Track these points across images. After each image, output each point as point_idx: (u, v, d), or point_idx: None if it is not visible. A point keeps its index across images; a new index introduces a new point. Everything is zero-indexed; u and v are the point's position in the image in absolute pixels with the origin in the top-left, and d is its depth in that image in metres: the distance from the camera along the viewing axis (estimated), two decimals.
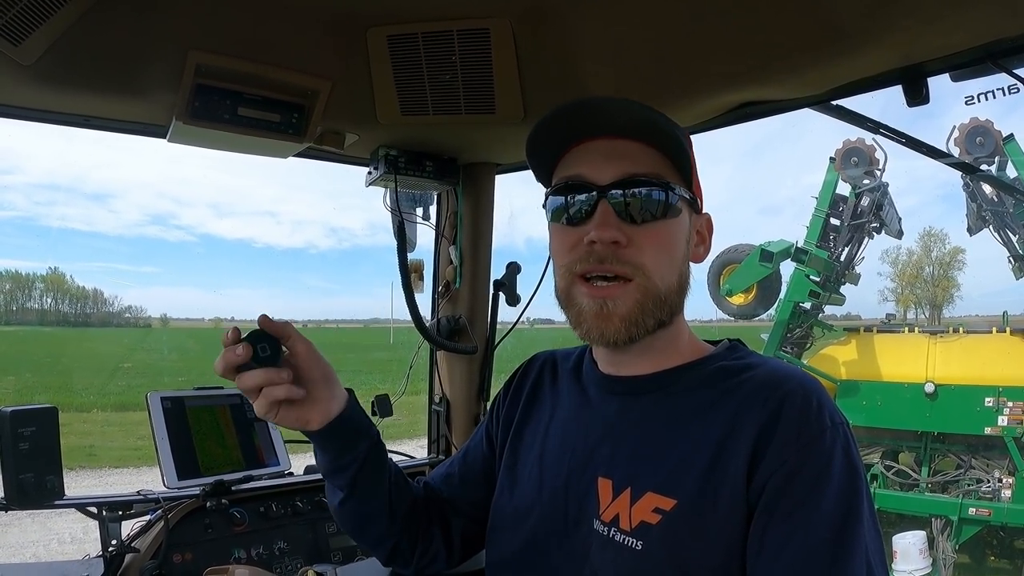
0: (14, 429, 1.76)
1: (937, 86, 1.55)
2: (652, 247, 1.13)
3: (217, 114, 1.73)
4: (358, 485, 1.32)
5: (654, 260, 1.13)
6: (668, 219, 1.14)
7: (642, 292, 1.12)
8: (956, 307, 44.92)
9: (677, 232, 1.17)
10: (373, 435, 1.33)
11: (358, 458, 1.30)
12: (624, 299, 1.12)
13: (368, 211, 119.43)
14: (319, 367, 1.24)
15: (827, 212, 9.27)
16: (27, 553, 7.74)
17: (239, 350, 1.13)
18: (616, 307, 1.12)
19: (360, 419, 1.31)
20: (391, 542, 1.40)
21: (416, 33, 1.67)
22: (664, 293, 1.14)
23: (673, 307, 1.17)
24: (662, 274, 1.14)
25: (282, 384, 1.15)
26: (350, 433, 1.29)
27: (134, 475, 11.86)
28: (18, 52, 1.47)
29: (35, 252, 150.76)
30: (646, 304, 1.12)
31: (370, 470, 1.32)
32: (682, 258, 1.18)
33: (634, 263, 1.12)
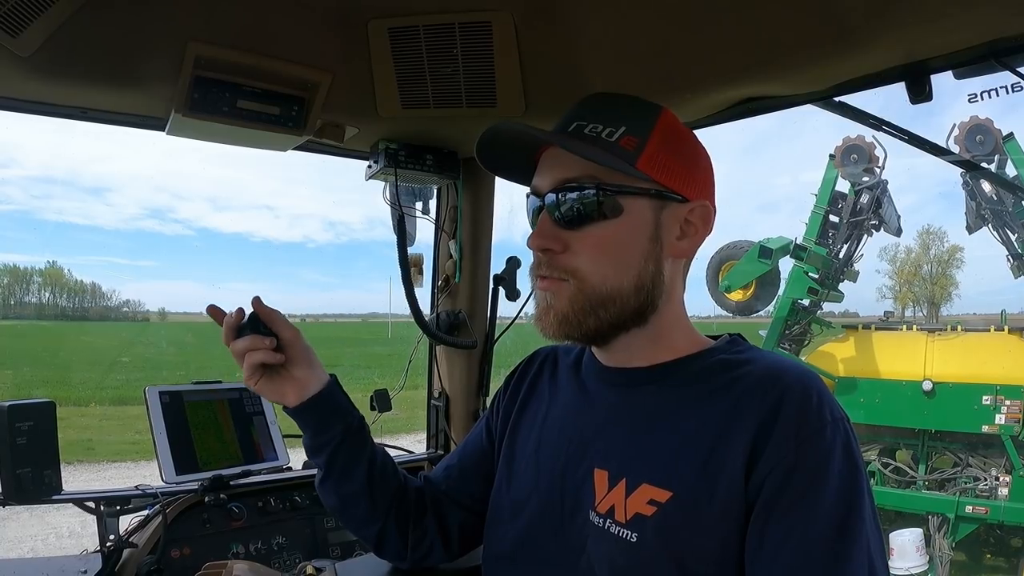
0: (12, 424, 1.76)
1: (937, 84, 1.55)
2: (588, 250, 1.14)
3: (216, 107, 1.72)
4: (335, 465, 1.38)
5: (590, 263, 1.14)
6: (608, 220, 1.13)
7: (576, 292, 1.14)
8: (954, 305, 45.12)
9: (622, 231, 1.14)
10: (353, 420, 1.40)
11: (334, 439, 1.36)
12: (559, 297, 1.16)
13: (366, 206, 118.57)
14: (303, 350, 1.35)
15: (826, 209, 9.28)
16: (25, 548, 7.74)
17: (234, 313, 1.31)
18: (553, 303, 1.17)
19: (339, 403, 1.39)
20: (375, 527, 1.42)
21: (418, 26, 1.66)
22: (608, 294, 1.13)
23: (633, 307, 1.15)
24: (603, 275, 1.13)
25: (263, 349, 1.29)
26: (327, 414, 1.37)
27: (132, 469, 11.89)
28: (16, 44, 1.46)
29: (33, 246, 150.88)
30: (582, 304, 1.14)
31: (346, 453, 1.38)
32: (640, 256, 1.15)
33: (567, 268, 1.15)
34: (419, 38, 1.69)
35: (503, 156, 1.25)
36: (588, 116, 1.17)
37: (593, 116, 1.17)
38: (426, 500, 1.47)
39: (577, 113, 1.19)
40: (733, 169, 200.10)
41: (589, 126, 1.16)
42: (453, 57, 1.73)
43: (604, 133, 1.14)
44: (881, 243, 38.02)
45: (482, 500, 1.39)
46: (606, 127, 1.15)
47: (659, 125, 1.16)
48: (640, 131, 1.15)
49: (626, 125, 1.15)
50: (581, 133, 1.16)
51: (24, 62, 1.51)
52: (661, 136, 1.16)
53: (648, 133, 1.15)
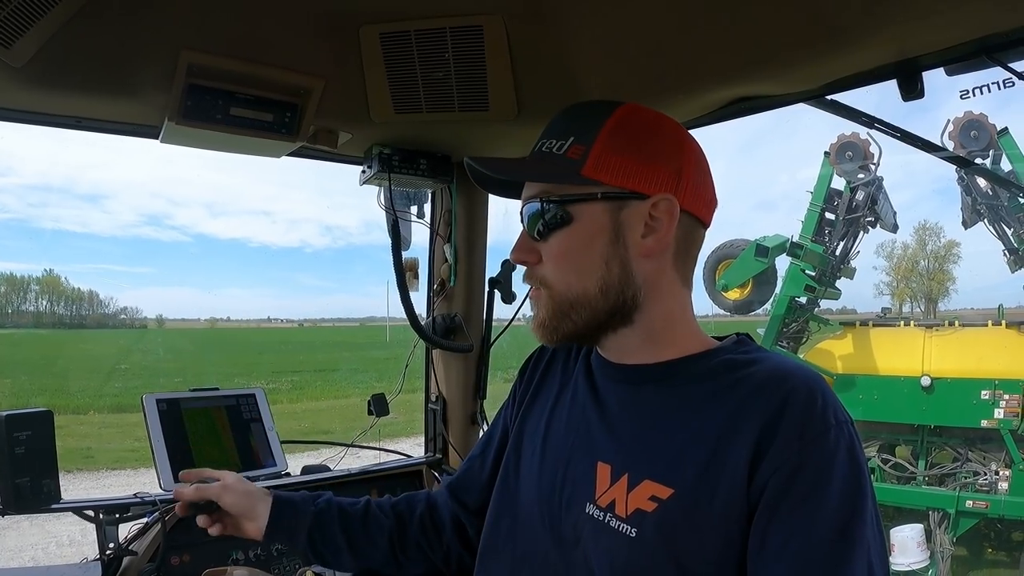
0: (9, 433, 1.76)
1: (931, 80, 1.55)
2: (551, 260, 1.20)
3: (209, 114, 1.73)
4: (327, 562, 1.51)
5: (554, 271, 1.20)
6: (563, 228, 1.17)
7: (550, 299, 1.20)
8: (951, 301, 45.16)
9: (576, 238, 1.17)
10: (307, 521, 1.47)
11: (304, 543, 1.46)
12: (540, 305, 1.22)
13: (363, 210, 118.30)
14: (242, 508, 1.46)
15: (822, 207, 9.27)
16: (25, 556, 7.73)
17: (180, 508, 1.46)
18: (537, 311, 1.24)
19: (288, 516, 1.47)
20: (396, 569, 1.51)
21: (409, 31, 1.67)
22: (574, 298, 1.17)
23: (606, 308, 1.17)
24: (566, 282, 1.18)
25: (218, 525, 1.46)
26: (287, 531, 1.46)
27: (132, 476, 11.86)
28: (8, 55, 1.46)
29: (30, 254, 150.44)
30: (557, 310, 1.19)
31: (324, 547, 1.47)
32: (600, 259, 1.16)
33: (538, 277, 1.22)
34: (411, 43, 1.70)
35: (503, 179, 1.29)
36: (547, 133, 1.23)
37: (549, 132, 1.22)
38: (440, 517, 1.51)
39: (544, 132, 1.24)
40: (729, 167, 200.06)
41: (546, 143, 1.21)
42: (445, 61, 1.74)
43: (555, 148, 1.19)
44: (878, 240, 38.12)
45: None
46: (557, 141, 1.19)
47: (606, 129, 1.16)
48: (586, 138, 1.16)
49: (574, 135, 1.18)
50: (540, 152, 1.21)
51: (17, 72, 1.52)
52: (608, 138, 1.16)
53: (593, 139, 1.16)
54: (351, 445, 2.65)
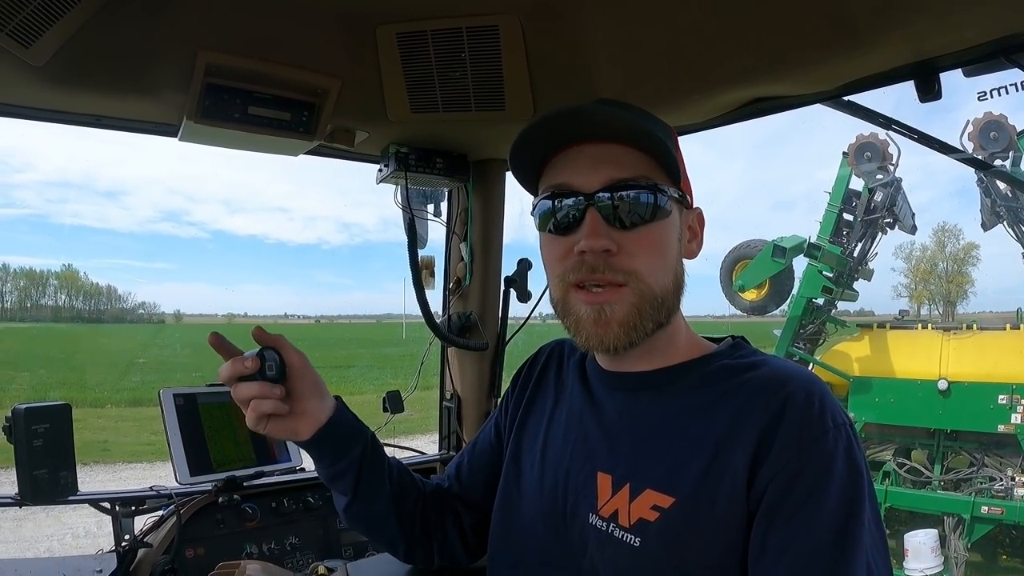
0: (28, 426, 1.79)
1: (951, 80, 1.55)
2: (644, 251, 1.13)
3: (228, 113, 1.74)
4: (360, 488, 1.33)
5: (647, 264, 1.13)
6: (658, 221, 1.13)
7: (638, 296, 1.12)
8: (970, 303, 44.71)
9: (668, 233, 1.16)
10: (367, 438, 1.35)
11: (354, 462, 1.31)
12: (620, 304, 1.12)
13: (380, 207, 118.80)
14: (310, 379, 1.26)
15: (840, 207, 9.23)
16: (41, 547, 7.80)
17: (248, 362, 1.16)
18: (614, 312, 1.12)
19: (351, 425, 1.32)
20: (403, 539, 1.42)
21: (425, 31, 1.67)
22: (660, 295, 1.13)
23: (670, 308, 1.17)
24: (656, 277, 1.13)
25: (271, 399, 1.18)
26: (342, 439, 1.30)
27: (148, 470, 11.96)
28: (29, 54, 1.48)
29: (49, 249, 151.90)
30: (643, 308, 1.12)
31: (369, 472, 1.34)
32: (675, 258, 1.18)
33: (626, 270, 1.12)
34: (427, 43, 1.70)
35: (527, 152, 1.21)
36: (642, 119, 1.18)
37: (639, 117, 1.18)
38: (443, 503, 1.47)
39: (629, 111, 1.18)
40: (747, 167, 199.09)
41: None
42: (461, 61, 1.74)
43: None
44: (896, 241, 37.81)
45: (491, 498, 1.39)
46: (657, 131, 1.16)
47: (675, 137, 1.21)
48: (672, 142, 1.18)
49: (662, 134, 1.16)
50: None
51: (37, 71, 1.54)
52: (678, 148, 1.21)
53: (674, 141, 1.19)
54: None
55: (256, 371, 1.16)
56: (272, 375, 1.18)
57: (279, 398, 1.19)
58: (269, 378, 1.18)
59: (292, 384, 1.23)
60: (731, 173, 57.61)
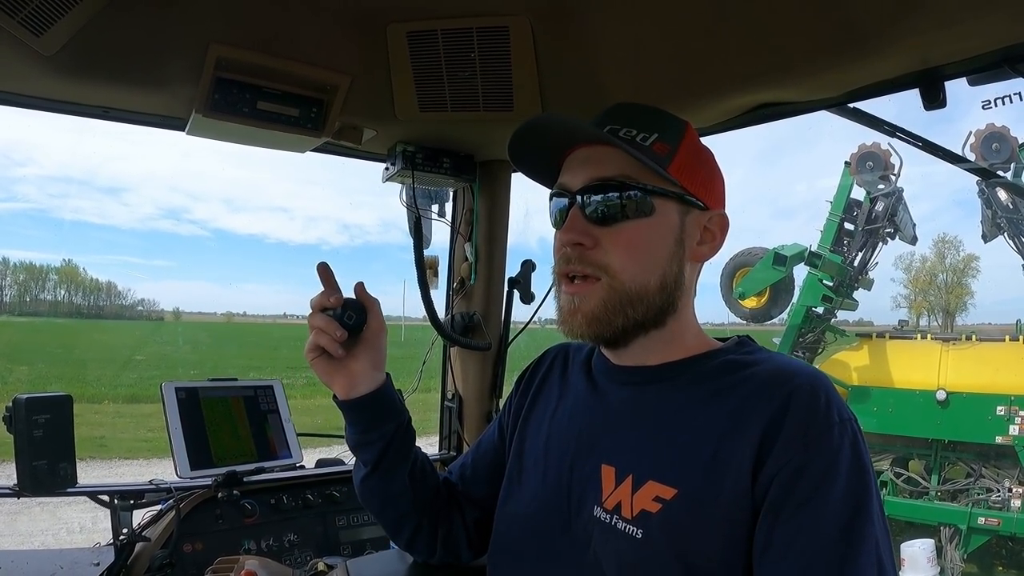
0: (29, 416, 1.78)
1: (954, 91, 1.55)
2: (619, 248, 1.16)
3: (236, 108, 1.74)
4: (382, 463, 1.37)
5: (621, 260, 1.15)
6: (639, 219, 1.16)
7: (607, 291, 1.15)
8: (969, 315, 44.59)
9: (652, 231, 1.17)
10: (403, 420, 1.40)
11: (384, 436, 1.36)
12: (590, 297, 1.16)
13: (381, 208, 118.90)
14: (375, 348, 1.34)
15: (841, 216, 9.26)
16: (36, 541, 7.79)
17: (333, 299, 1.28)
18: (582, 304, 1.17)
19: (392, 403, 1.39)
20: (411, 525, 1.44)
21: (436, 30, 1.68)
22: (636, 292, 1.15)
23: (658, 306, 1.18)
24: (632, 273, 1.15)
25: (328, 336, 1.26)
26: (379, 412, 1.36)
27: (144, 467, 11.93)
28: (40, 43, 1.48)
29: (49, 244, 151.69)
30: (612, 303, 1.15)
31: (395, 451, 1.38)
32: (666, 256, 1.18)
33: (599, 263, 1.16)
34: (437, 42, 1.71)
35: (530, 153, 1.28)
36: (621, 121, 1.20)
37: (626, 122, 1.20)
38: (450, 497, 1.49)
39: (611, 118, 1.21)
40: (749, 175, 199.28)
41: (623, 130, 1.18)
42: (471, 61, 1.75)
43: (638, 137, 1.18)
44: (896, 251, 37.80)
45: (495, 498, 1.40)
46: (640, 132, 1.18)
47: (687, 136, 1.21)
48: (671, 139, 1.19)
49: (658, 132, 1.18)
50: (616, 136, 1.18)
51: (47, 61, 1.54)
52: (688, 146, 1.20)
53: (679, 141, 1.19)
54: None
55: (336, 308, 1.28)
56: (348, 322, 1.28)
57: (337, 339, 1.27)
58: (342, 322, 1.27)
59: (358, 343, 1.32)
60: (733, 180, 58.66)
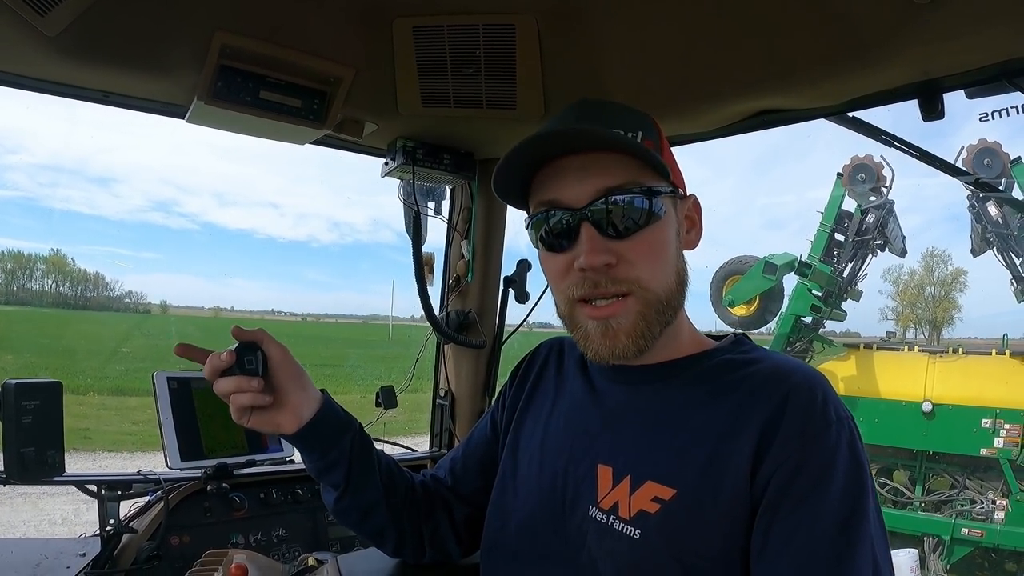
0: (18, 402, 1.75)
1: (946, 105, 1.56)
2: (644, 258, 1.12)
3: (239, 96, 1.73)
4: (351, 478, 1.31)
5: (649, 270, 1.12)
6: (654, 224, 1.12)
7: (643, 304, 1.11)
8: (956, 328, 44.86)
9: (666, 233, 1.15)
10: (355, 428, 1.33)
11: (344, 452, 1.29)
12: (626, 315, 1.11)
13: (372, 208, 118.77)
14: (291, 372, 1.24)
15: (832, 227, 9.33)
16: (16, 533, 7.71)
17: (223, 356, 1.17)
18: (620, 324, 1.11)
19: (337, 416, 1.31)
20: (394, 532, 1.39)
21: (442, 25, 1.68)
22: (665, 298, 1.13)
23: (676, 306, 1.17)
24: (660, 280, 1.13)
25: (248, 392, 1.17)
26: (332, 429, 1.29)
27: (128, 460, 11.85)
28: (43, 22, 1.46)
29: (37, 233, 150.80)
30: (649, 314, 1.12)
31: (359, 462, 1.32)
32: (675, 255, 1.17)
33: (629, 279, 1.11)
34: (443, 38, 1.70)
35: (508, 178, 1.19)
36: (603, 120, 1.15)
37: (611, 121, 1.15)
38: (433, 495, 1.45)
39: (586, 116, 1.17)
40: (740, 184, 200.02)
41: (614, 130, 1.12)
42: (476, 58, 1.74)
43: (629, 136, 1.13)
44: (885, 264, 38.01)
45: (485, 493, 1.38)
46: (628, 131, 1.13)
47: (659, 128, 1.19)
48: (652, 134, 1.16)
49: (642, 129, 1.15)
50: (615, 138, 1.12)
51: (50, 42, 1.52)
52: (663, 138, 1.19)
53: (659, 135, 1.18)
54: None
55: (232, 365, 1.17)
56: (251, 368, 1.19)
57: (257, 391, 1.18)
58: (248, 372, 1.18)
59: (274, 378, 1.22)
60: (724, 189, 57.83)
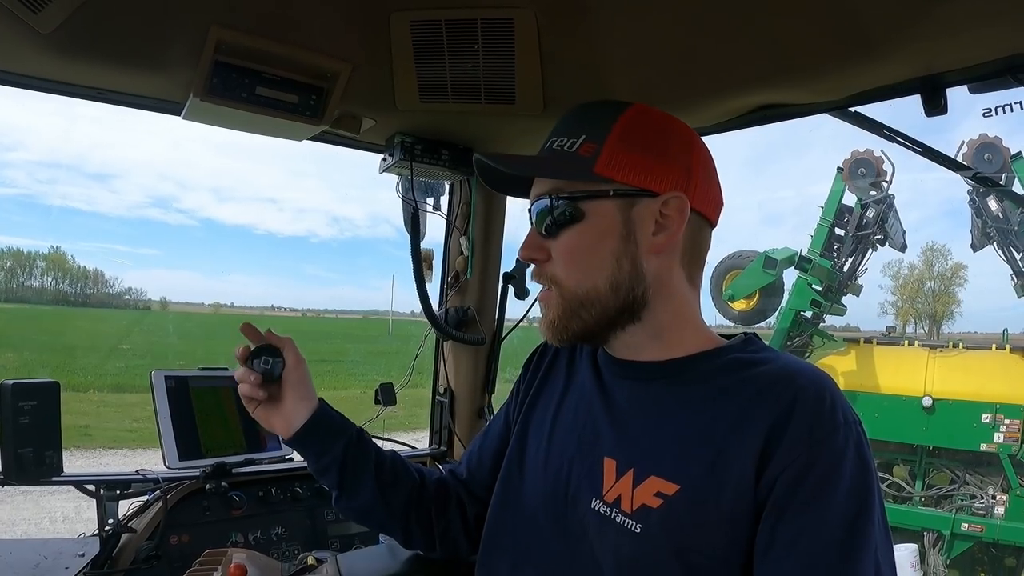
0: (15, 403, 1.76)
1: (949, 100, 1.55)
2: (562, 257, 1.20)
3: (235, 92, 1.71)
4: (344, 483, 1.40)
5: (564, 269, 1.20)
6: (574, 225, 1.18)
7: (561, 299, 1.21)
8: (956, 323, 44.87)
9: (587, 235, 1.18)
10: (350, 435, 1.42)
11: (336, 459, 1.39)
12: (550, 306, 1.23)
13: (371, 203, 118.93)
14: (295, 381, 1.40)
15: (832, 222, 9.33)
16: (18, 531, 7.76)
17: (240, 350, 1.39)
18: (547, 312, 1.24)
19: (332, 423, 1.42)
20: (398, 527, 1.46)
21: (440, 20, 1.66)
22: (584, 296, 1.18)
23: (615, 306, 1.18)
24: (576, 279, 1.19)
25: (246, 384, 1.37)
26: (323, 436, 1.40)
27: (128, 457, 11.91)
28: (37, 19, 1.45)
29: (36, 230, 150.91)
30: (565, 309, 1.20)
31: (352, 469, 1.40)
32: (611, 255, 1.17)
33: (548, 275, 1.22)
34: (440, 32, 1.69)
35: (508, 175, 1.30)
36: (556, 132, 1.24)
37: (559, 131, 1.24)
38: (449, 493, 1.50)
39: (553, 130, 1.26)
40: (739, 180, 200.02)
41: (557, 141, 1.22)
42: (474, 52, 1.73)
43: (566, 145, 1.20)
44: (885, 258, 38.03)
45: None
46: (567, 139, 1.21)
47: (617, 127, 1.18)
48: (597, 136, 1.18)
49: (585, 133, 1.19)
50: (550, 149, 1.23)
51: (44, 39, 1.51)
52: (619, 137, 1.17)
53: (604, 137, 1.17)
54: None
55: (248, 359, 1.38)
56: (263, 367, 1.37)
57: (253, 384, 1.36)
58: (259, 370, 1.37)
59: (284, 383, 1.39)
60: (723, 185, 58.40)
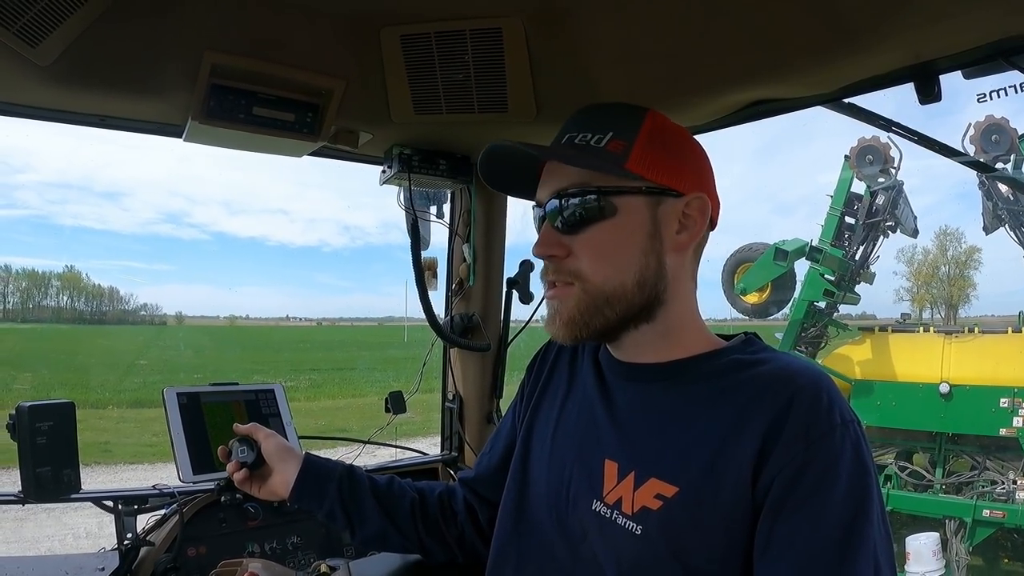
0: (32, 424, 1.80)
1: (952, 83, 1.55)
2: (588, 253, 1.19)
3: (232, 114, 1.75)
4: (351, 520, 1.49)
5: (592, 265, 1.18)
6: (604, 221, 1.18)
7: (583, 294, 1.19)
8: (972, 307, 44.37)
9: (618, 231, 1.18)
10: (341, 475, 1.51)
11: (334, 501, 1.48)
12: (566, 302, 1.20)
13: (381, 210, 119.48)
14: (275, 451, 1.51)
15: (842, 211, 9.24)
16: (42, 547, 7.78)
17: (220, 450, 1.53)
18: (560, 309, 1.21)
19: (318, 471, 1.51)
20: (416, 547, 1.54)
21: (429, 33, 1.68)
22: (611, 293, 1.17)
23: (639, 303, 1.19)
24: (604, 275, 1.18)
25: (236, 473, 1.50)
26: (315, 487, 1.49)
27: (149, 471, 11.94)
28: (35, 53, 1.49)
29: (50, 250, 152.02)
30: (588, 305, 1.18)
31: (352, 504, 1.49)
32: (639, 252, 1.18)
33: (572, 271, 1.20)
34: (431, 45, 1.71)
35: (510, 174, 1.31)
36: (578, 127, 1.23)
37: (582, 127, 1.23)
38: (455, 502, 1.55)
39: (568, 126, 1.25)
40: (748, 171, 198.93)
41: (579, 136, 1.21)
42: (465, 63, 1.75)
43: (592, 140, 1.20)
44: (897, 244, 37.63)
45: None
46: (594, 135, 1.20)
47: (645, 126, 1.20)
48: (626, 134, 1.19)
49: (613, 131, 1.19)
50: (572, 144, 1.21)
51: (43, 71, 1.55)
52: (648, 137, 1.19)
53: (635, 135, 1.19)
54: (367, 442, 2.66)
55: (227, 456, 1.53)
56: (241, 458, 1.51)
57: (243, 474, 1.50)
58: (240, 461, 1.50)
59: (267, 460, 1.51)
60: (732, 176, 57.53)
